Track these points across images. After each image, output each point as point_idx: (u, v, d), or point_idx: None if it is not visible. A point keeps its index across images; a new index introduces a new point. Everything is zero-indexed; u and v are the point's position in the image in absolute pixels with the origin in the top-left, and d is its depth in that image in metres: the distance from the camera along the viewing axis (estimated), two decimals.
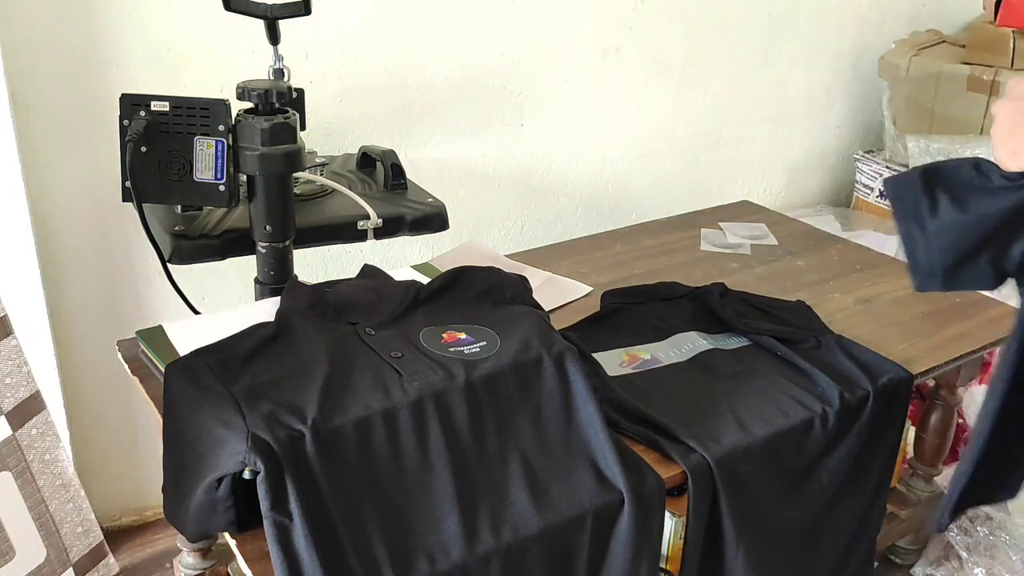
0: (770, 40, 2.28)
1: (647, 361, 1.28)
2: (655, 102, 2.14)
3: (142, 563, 1.74)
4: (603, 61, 2.02)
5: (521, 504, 0.96)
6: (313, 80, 1.64)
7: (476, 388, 0.99)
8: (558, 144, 2.04)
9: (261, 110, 1.17)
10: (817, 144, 2.52)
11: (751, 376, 1.25)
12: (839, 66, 2.46)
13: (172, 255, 1.23)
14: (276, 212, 1.20)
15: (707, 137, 2.28)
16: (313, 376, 0.98)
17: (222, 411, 0.92)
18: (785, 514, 1.18)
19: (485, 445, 0.98)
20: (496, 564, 0.92)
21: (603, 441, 1.01)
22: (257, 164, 1.16)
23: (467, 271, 1.22)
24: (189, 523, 0.95)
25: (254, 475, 0.86)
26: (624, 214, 2.15)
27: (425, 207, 1.39)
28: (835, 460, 1.21)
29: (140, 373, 1.16)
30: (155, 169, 1.16)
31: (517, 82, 1.92)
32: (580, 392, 1.03)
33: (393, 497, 0.92)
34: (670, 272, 1.55)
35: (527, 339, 1.06)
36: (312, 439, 0.90)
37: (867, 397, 1.22)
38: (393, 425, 0.94)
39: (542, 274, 1.54)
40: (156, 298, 1.65)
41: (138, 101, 1.14)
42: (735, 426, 1.14)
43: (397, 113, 1.79)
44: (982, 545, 1.70)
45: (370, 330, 1.09)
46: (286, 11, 1.28)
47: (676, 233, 1.79)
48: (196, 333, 1.12)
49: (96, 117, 1.47)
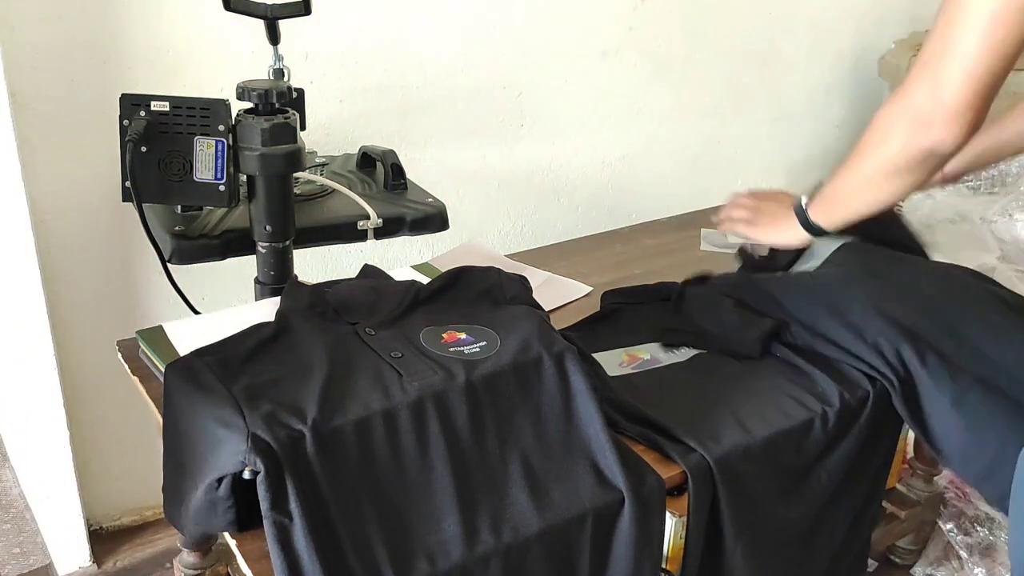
0: (770, 40, 2.28)
1: (647, 361, 1.28)
2: (655, 102, 2.14)
3: (142, 563, 1.74)
4: (603, 61, 2.02)
5: (521, 504, 0.96)
6: (313, 80, 1.64)
7: (476, 388, 0.99)
8: (558, 144, 2.04)
9: (261, 110, 1.17)
10: (817, 144, 2.52)
11: (751, 376, 1.25)
12: (839, 66, 2.46)
13: (172, 255, 1.23)
14: (276, 212, 1.20)
15: (707, 137, 2.28)
16: (313, 376, 0.98)
17: (222, 411, 0.92)
18: (785, 514, 1.18)
19: (485, 445, 0.98)
20: (496, 564, 0.92)
21: (603, 441, 1.01)
22: (257, 164, 1.16)
23: (467, 271, 1.22)
24: (189, 523, 0.95)
25: (254, 475, 0.86)
26: (624, 214, 2.15)
27: (425, 207, 1.39)
28: (835, 460, 1.21)
29: (140, 373, 1.16)
30: (155, 169, 1.16)
31: (517, 82, 1.92)
32: (580, 392, 1.03)
33: (393, 497, 0.92)
34: (670, 272, 1.54)
35: (527, 339, 1.06)
36: (312, 439, 0.90)
37: (867, 397, 1.22)
38: (393, 425, 0.94)
39: (542, 274, 1.54)
40: (156, 298, 1.65)
41: (138, 101, 1.14)
42: (735, 426, 1.14)
43: (397, 113, 1.79)
44: (982, 545, 1.70)
45: (370, 330, 1.09)
46: (286, 11, 1.28)
47: (676, 233, 1.79)
48: (196, 333, 1.12)
49: (96, 117, 1.46)
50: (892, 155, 1.02)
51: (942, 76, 0.93)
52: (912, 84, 0.97)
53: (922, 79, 0.95)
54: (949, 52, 0.92)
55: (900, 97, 0.99)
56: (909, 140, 0.98)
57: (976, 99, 0.92)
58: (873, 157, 1.05)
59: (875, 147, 1.04)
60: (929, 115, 0.95)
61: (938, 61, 0.93)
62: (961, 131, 0.94)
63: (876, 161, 1.05)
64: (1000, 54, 0.90)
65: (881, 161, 1.04)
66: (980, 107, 0.93)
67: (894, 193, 1.07)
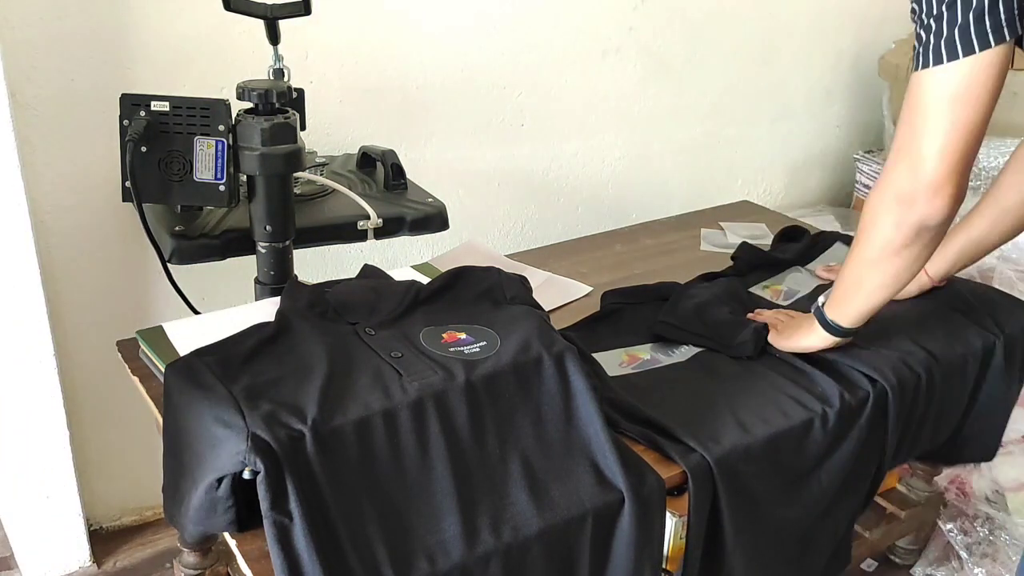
0: (770, 40, 2.28)
1: (647, 361, 1.28)
2: (655, 102, 2.14)
3: (142, 563, 1.74)
4: (603, 61, 2.02)
5: (521, 504, 0.96)
6: (313, 80, 1.64)
7: (476, 388, 0.99)
8: (558, 144, 2.04)
9: (261, 110, 1.17)
10: (817, 144, 2.52)
11: (751, 376, 1.25)
12: (839, 66, 2.46)
13: (172, 255, 1.23)
14: (276, 212, 1.20)
15: (707, 137, 2.28)
16: (313, 376, 0.98)
17: (222, 411, 0.92)
18: (785, 514, 1.18)
19: (485, 445, 0.98)
20: (496, 564, 0.92)
21: (603, 441, 1.01)
22: (257, 164, 1.16)
23: (467, 271, 1.22)
24: (189, 523, 0.95)
25: (254, 475, 0.86)
26: (624, 214, 2.15)
27: (425, 207, 1.39)
28: (834, 460, 1.21)
29: (140, 373, 1.16)
30: (155, 169, 1.16)
31: (517, 82, 1.92)
32: (580, 392, 1.03)
33: (393, 497, 0.92)
34: (670, 272, 1.55)
35: (527, 339, 1.06)
36: (312, 439, 0.90)
37: (867, 397, 1.22)
38: (393, 425, 0.94)
39: (542, 274, 1.54)
40: (156, 298, 1.65)
41: (138, 101, 1.14)
42: (735, 426, 1.14)
43: (397, 113, 1.79)
44: (982, 545, 1.70)
45: (370, 330, 1.09)
46: (286, 11, 1.28)
47: (676, 233, 1.79)
48: (196, 333, 1.12)
49: (96, 117, 1.47)
50: (886, 237, 1.06)
51: (917, 156, 0.99)
52: (891, 169, 1.03)
53: (899, 162, 1.02)
54: (919, 135, 0.99)
55: (882, 183, 1.05)
56: (899, 219, 1.04)
57: (953, 172, 0.98)
58: (869, 243, 1.10)
59: (869, 233, 1.09)
60: (912, 193, 1.01)
61: (911, 144, 1.00)
62: (944, 203, 1.00)
63: (873, 246, 1.09)
64: (966, 130, 0.97)
65: (877, 245, 1.09)
66: (958, 178, 0.99)
67: (898, 274, 1.10)
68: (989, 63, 0.95)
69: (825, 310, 1.21)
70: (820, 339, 1.23)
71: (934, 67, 0.97)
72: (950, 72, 0.96)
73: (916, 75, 1.00)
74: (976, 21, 0.94)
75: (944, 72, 0.96)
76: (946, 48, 0.96)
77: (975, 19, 0.94)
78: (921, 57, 0.98)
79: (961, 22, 0.95)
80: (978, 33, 0.94)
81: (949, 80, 0.97)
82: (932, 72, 0.97)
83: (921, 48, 0.98)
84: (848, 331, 1.20)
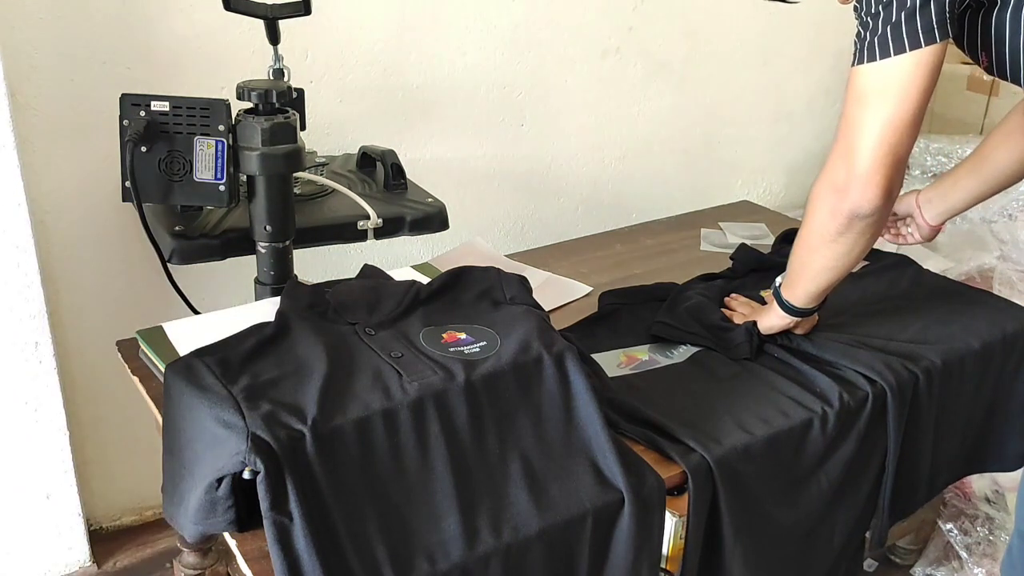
0: (770, 40, 2.28)
1: (645, 362, 1.28)
2: (655, 102, 2.14)
3: (142, 563, 1.74)
4: (603, 61, 2.02)
5: (521, 504, 0.96)
6: (313, 80, 1.64)
7: (476, 388, 0.99)
8: (558, 144, 2.04)
9: (261, 110, 1.17)
10: (817, 144, 2.52)
11: (750, 376, 1.25)
12: (839, 66, 2.46)
13: (172, 255, 1.23)
14: (276, 212, 1.20)
15: (707, 137, 2.28)
16: (313, 376, 0.98)
17: (222, 411, 0.92)
18: (785, 514, 1.18)
19: (485, 445, 0.98)
20: (496, 564, 0.92)
21: (603, 441, 1.01)
22: (257, 164, 1.16)
23: (467, 271, 1.22)
24: (189, 523, 0.95)
25: (254, 475, 0.86)
26: (624, 214, 2.15)
27: (425, 207, 1.39)
28: (834, 460, 1.21)
29: (140, 373, 1.17)
30: (155, 169, 1.16)
31: (517, 82, 1.92)
32: (580, 392, 1.03)
33: (393, 497, 0.92)
34: (670, 272, 1.55)
35: (527, 339, 1.06)
36: (312, 439, 0.90)
37: (866, 398, 1.22)
38: (393, 425, 0.94)
39: (542, 274, 1.54)
40: (156, 298, 1.65)
41: (138, 101, 1.14)
42: (735, 426, 1.14)
43: (397, 113, 1.80)
44: (982, 545, 1.70)
45: (370, 330, 1.09)
46: (286, 11, 1.28)
47: (676, 233, 1.79)
48: (196, 333, 1.12)
49: (96, 117, 1.47)
50: (822, 224, 1.12)
51: (852, 149, 1.05)
52: (831, 161, 1.09)
53: (837, 156, 1.08)
54: (854, 128, 1.04)
55: (823, 174, 1.11)
56: (833, 208, 1.09)
57: (882, 165, 1.04)
58: (808, 230, 1.16)
59: (808, 220, 1.16)
60: (845, 183, 1.07)
61: (847, 137, 1.06)
62: (875, 193, 1.05)
63: (812, 233, 1.16)
64: (898, 125, 1.02)
65: (816, 232, 1.15)
66: (888, 171, 1.04)
67: (838, 259, 1.15)
68: (920, 61, 1.00)
69: (781, 291, 1.26)
70: (779, 318, 1.28)
71: (868, 63, 1.02)
72: (884, 68, 1.01)
73: (854, 70, 1.04)
74: (907, 20, 0.98)
75: (878, 68, 1.01)
76: (879, 45, 1.01)
77: (907, 19, 0.98)
78: (858, 53, 1.03)
79: (895, 21, 0.99)
80: (909, 32, 0.99)
81: (882, 76, 1.01)
82: (868, 67, 1.02)
83: (859, 44, 1.03)
84: (802, 311, 1.25)
